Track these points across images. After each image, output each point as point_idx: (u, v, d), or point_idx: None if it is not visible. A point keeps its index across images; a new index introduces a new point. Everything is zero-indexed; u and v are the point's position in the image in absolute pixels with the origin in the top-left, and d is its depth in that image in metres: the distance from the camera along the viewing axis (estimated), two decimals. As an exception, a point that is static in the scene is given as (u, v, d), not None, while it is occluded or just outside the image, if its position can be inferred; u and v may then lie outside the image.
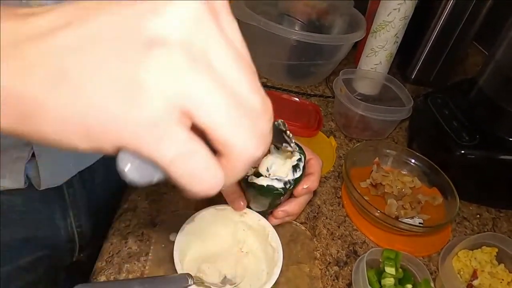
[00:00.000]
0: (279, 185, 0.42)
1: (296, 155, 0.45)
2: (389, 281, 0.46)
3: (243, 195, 0.46)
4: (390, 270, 0.47)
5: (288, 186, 0.43)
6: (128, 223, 0.51)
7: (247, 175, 0.43)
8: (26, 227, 0.54)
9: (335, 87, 0.75)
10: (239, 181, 0.46)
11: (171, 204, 0.54)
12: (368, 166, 0.65)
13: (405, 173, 0.66)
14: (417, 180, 0.64)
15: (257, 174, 0.43)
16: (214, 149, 0.22)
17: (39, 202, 0.53)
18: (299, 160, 0.44)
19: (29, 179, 0.47)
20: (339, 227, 0.57)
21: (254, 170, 0.43)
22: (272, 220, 0.48)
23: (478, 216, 0.66)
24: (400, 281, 0.48)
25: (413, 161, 0.66)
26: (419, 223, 0.57)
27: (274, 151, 0.43)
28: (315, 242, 0.54)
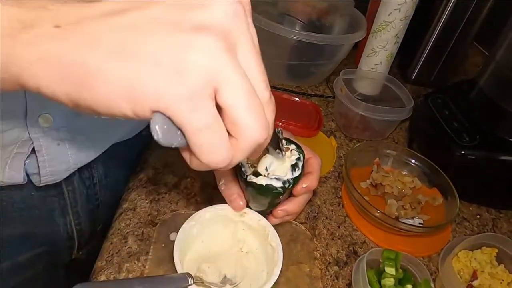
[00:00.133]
0: (278, 184, 0.42)
1: (295, 154, 0.45)
2: (389, 281, 0.46)
3: (242, 195, 0.45)
4: (390, 270, 0.47)
5: (287, 185, 0.43)
6: (128, 222, 0.51)
7: (246, 174, 0.43)
8: (25, 223, 0.54)
9: (335, 87, 0.75)
10: (238, 181, 0.46)
11: (171, 204, 0.54)
12: (368, 166, 0.65)
13: (405, 173, 0.66)
14: (417, 181, 0.64)
15: (256, 174, 0.43)
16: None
17: (38, 199, 0.53)
18: (298, 159, 0.44)
19: (28, 176, 0.47)
20: (339, 227, 0.57)
21: (253, 170, 0.43)
22: (272, 219, 0.48)
23: (478, 216, 0.66)
24: (400, 282, 0.48)
25: (413, 161, 0.66)
26: (419, 224, 0.57)
27: (272, 152, 0.43)
28: (315, 242, 0.54)
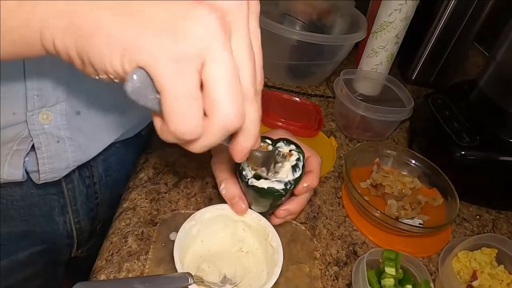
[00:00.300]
0: (279, 186, 0.42)
1: (294, 154, 0.45)
2: (389, 282, 0.46)
3: (244, 198, 0.46)
4: (390, 270, 0.47)
5: (288, 187, 0.43)
6: (128, 222, 0.51)
7: (247, 178, 0.43)
8: (24, 221, 0.54)
9: (335, 87, 0.75)
10: (240, 184, 0.46)
11: (171, 203, 0.54)
12: (369, 167, 0.65)
13: (405, 173, 0.66)
14: (417, 181, 0.64)
15: (257, 177, 0.43)
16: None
17: (38, 197, 0.53)
18: (298, 159, 0.44)
19: (28, 173, 0.47)
20: (339, 227, 0.57)
21: (254, 173, 0.43)
22: (274, 219, 0.48)
23: (478, 217, 0.66)
24: (400, 282, 0.48)
25: (414, 161, 0.66)
26: (419, 224, 0.57)
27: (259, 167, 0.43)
28: (315, 242, 0.54)
